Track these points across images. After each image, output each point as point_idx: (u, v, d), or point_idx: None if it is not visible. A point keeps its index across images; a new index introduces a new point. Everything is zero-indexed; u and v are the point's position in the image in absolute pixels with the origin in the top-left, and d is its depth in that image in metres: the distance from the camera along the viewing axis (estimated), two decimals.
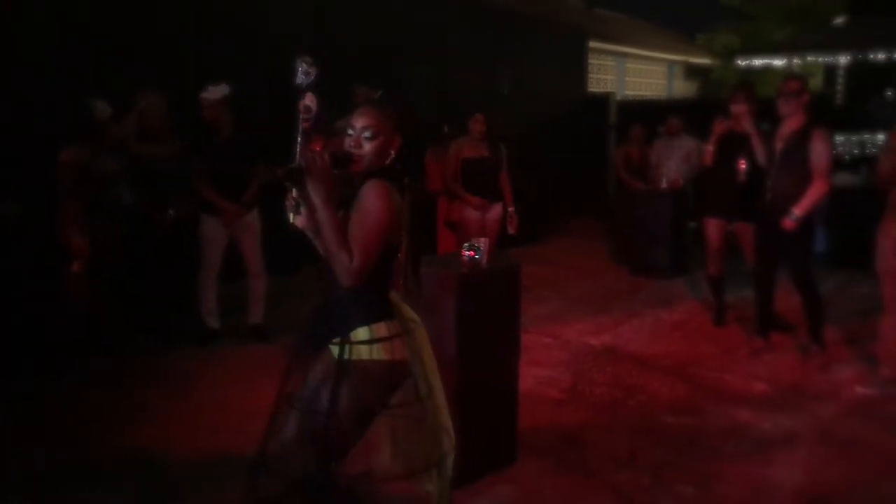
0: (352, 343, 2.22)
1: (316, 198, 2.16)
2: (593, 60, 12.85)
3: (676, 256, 7.31)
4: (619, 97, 12.29)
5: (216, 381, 4.41)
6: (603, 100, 11.52)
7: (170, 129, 5.09)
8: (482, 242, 3.30)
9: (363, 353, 2.22)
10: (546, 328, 5.48)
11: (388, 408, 2.31)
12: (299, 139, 2.35)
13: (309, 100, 4.83)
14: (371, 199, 2.22)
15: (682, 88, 16.54)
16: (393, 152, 2.35)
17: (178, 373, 4.55)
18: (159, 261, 5.00)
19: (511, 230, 5.71)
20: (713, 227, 5.46)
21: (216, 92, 4.92)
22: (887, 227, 4.05)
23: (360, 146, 2.29)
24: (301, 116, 4.93)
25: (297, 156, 2.34)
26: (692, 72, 16.99)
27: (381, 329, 2.25)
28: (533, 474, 3.30)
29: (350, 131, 2.33)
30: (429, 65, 8.49)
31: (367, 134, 2.29)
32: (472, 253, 3.22)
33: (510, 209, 5.71)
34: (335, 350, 2.25)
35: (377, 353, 2.23)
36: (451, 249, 5.64)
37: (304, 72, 2.98)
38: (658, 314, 5.96)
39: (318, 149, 4.91)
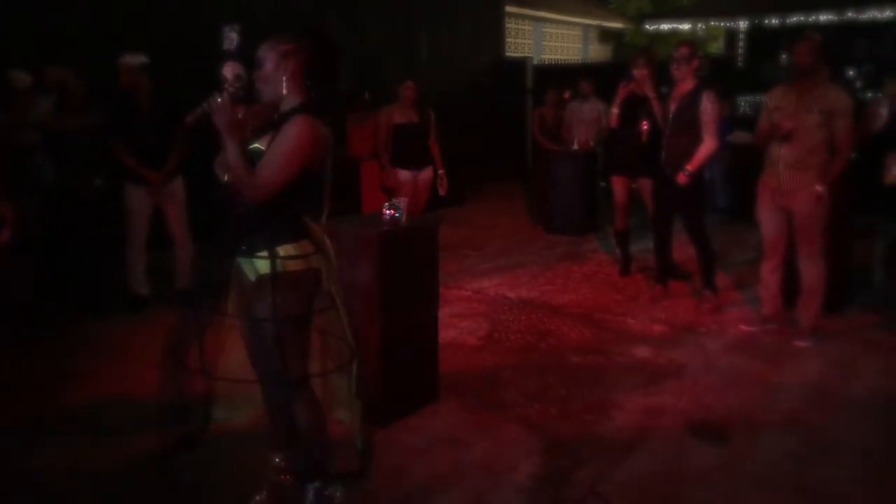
0: (279, 257, 2.49)
1: (222, 132, 2.45)
2: (511, 25, 13.13)
3: (588, 214, 7.76)
4: (535, 61, 12.63)
5: (143, 344, 4.55)
6: (520, 64, 11.83)
7: (87, 102, 5.11)
8: (402, 202, 3.57)
9: (289, 265, 2.50)
10: (466, 283, 5.82)
11: (311, 315, 2.60)
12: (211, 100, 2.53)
13: (232, 67, 4.97)
14: (287, 129, 2.48)
15: (597, 52, 17.04)
16: (304, 89, 2.56)
17: (109, 339, 4.68)
18: (86, 232, 5.05)
19: (442, 192, 6.05)
20: (618, 185, 5.89)
21: (135, 59, 4.96)
22: (764, 179, 4.51)
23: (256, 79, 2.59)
24: (225, 83, 5.05)
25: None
26: (606, 36, 17.49)
27: (305, 245, 2.53)
28: (454, 411, 3.64)
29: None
30: (345, 31, 8.60)
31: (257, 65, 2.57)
32: (392, 212, 3.48)
33: (440, 172, 6.03)
34: (260, 265, 2.51)
35: (299, 264, 2.52)
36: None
37: (229, 39, 3.13)
38: (569, 268, 6.38)
39: (240, 115, 5.07)
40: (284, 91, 2.55)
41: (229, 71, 4.90)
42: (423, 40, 9.86)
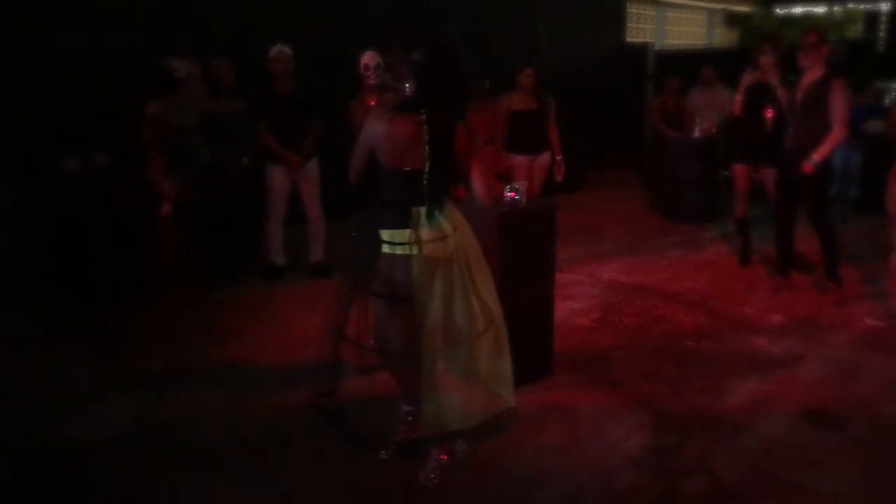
0: (382, 241, 2.85)
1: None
2: (633, 10, 12.94)
3: (707, 203, 7.65)
4: (658, 47, 12.41)
5: (282, 309, 5.00)
6: (640, 50, 11.67)
7: (236, 88, 5.62)
8: (522, 185, 3.77)
9: (386, 248, 2.85)
10: (580, 267, 5.94)
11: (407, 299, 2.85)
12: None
13: (368, 58, 5.29)
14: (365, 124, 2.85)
15: (722, 37, 16.45)
16: (408, 86, 2.84)
17: (251, 302, 5.16)
18: (232, 206, 5.57)
19: (558, 177, 6.18)
20: (740, 173, 5.82)
21: (283, 49, 5.41)
22: None
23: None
24: (367, 71, 5.39)
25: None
26: (732, 20, 16.84)
27: (394, 234, 2.81)
28: (567, 385, 3.82)
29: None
30: (466, 20, 8.81)
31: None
32: (512, 194, 3.68)
33: (558, 158, 6.16)
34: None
35: (394, 249, 2.83)
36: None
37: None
38: (687, 256, 6.36)
39: (371, 104, 5.40)
40: (407, 92, 2.85)
41: (370, 59, 5.20)
42: (543, 26, 9.94)
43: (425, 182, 2.76)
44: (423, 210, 2.79)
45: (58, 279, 5.10)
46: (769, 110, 5.29)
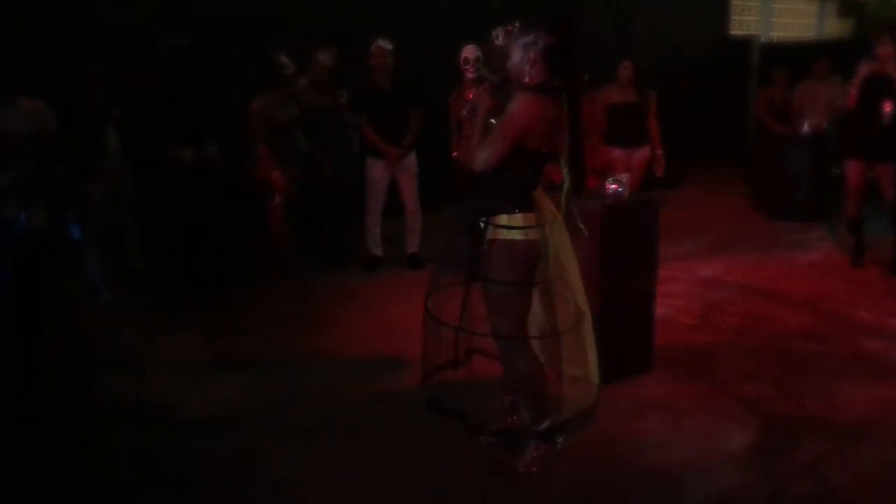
0: (496, 225, 2.77)
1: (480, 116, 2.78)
2: (736, 1, 12.48)
3: (816, 200, 7.31)
4: (763, 39, 11.93)
5: (380, 298, 5.12)
6: (745, 43, 11.26)
7: (335, 82, 5.79)
8: (625, 178, 3.72)
9: (504, 233, 2.77)
10: (681, 264, 5.78)
11: (531, 284, 2.85)
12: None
13: (468, 51, 5.34)
14: (508, 106, 2.72)
15: (835, 28, 15.62)
16: (545, 72, 2.74)
17: (350, 291, 5.31)
18: (332, 197, 5.74)
19: (658, 172, 6.04)
20: (853, 169, 5.53)
21: (385, 43, 5.53)
22: None
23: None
24: (466, 64, 5.45)
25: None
26: (847, 9, 15.96)
27: (519, 218, 2.77)
28: (666, 381, 3.75)
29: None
30: (565, 10, 8.71)
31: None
32: (615, 186, 3.64)
33: (658, 152, 6.02)
34: (487, 231, 2.79)
35: (515, 234, 2.76)
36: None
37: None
38: (794, 255, 6.10)
39: (469, 97, 5.45)
40: (527, 78, 2.75)
41: (470, 52, 5.25)
42: (642, 19, 9.72)
43: (563, 165, 2.80)
44: (565, 186, 2.82)
45: (175, 264, 5.42)
46: (887, 104, 5.02)
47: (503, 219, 2.78)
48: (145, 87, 5.31)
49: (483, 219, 2.80)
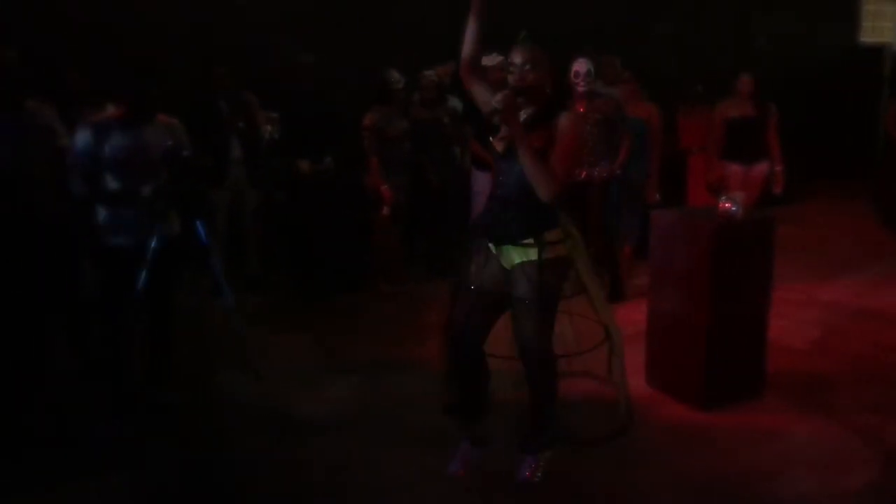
0: (546, 242, 2.77)
1: (510, 128, 2.69)
2: (869, 7, 11.76)
3: None
4: None
5: None
6: (876, 51, 10.61)
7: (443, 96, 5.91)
8: (739, 196, 3.60)
9: (551, 250, 2.79)
10: (797, 285, 5.50)
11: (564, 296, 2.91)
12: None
13: (579, 65, 5.30)
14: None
15: None
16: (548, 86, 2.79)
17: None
18: (438, 208, 5.86)
19: (776, 189, 5.80)
20: None
21: (491, 59, 5.58)
22: None
23: (523, 78, 2.76)
24: (577, 78, 5.43)
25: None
26: None
27: (557, 233, 2.81)
28: (779, 408, 3.59)
29: (511, 68, 2.80)
30: (676, 20, 8.50)
31: (527, 66, 2.77)
32: (729, 205, 3.53)
33: (777, 168, 5.78)
34: (528, 251, 2.77)
35: (558, 250, 2.80)
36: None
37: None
38: None
39: (581, 109, 5.41)
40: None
41: (581, 66, 5.18)
42: (761, 27, 9.34)
43: None
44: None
45: (290, 270, 5.69)
46: None
47: (552, 235, 2.81)
48: (267, 99, 5.64)
49: (527, 238, 2.78)
